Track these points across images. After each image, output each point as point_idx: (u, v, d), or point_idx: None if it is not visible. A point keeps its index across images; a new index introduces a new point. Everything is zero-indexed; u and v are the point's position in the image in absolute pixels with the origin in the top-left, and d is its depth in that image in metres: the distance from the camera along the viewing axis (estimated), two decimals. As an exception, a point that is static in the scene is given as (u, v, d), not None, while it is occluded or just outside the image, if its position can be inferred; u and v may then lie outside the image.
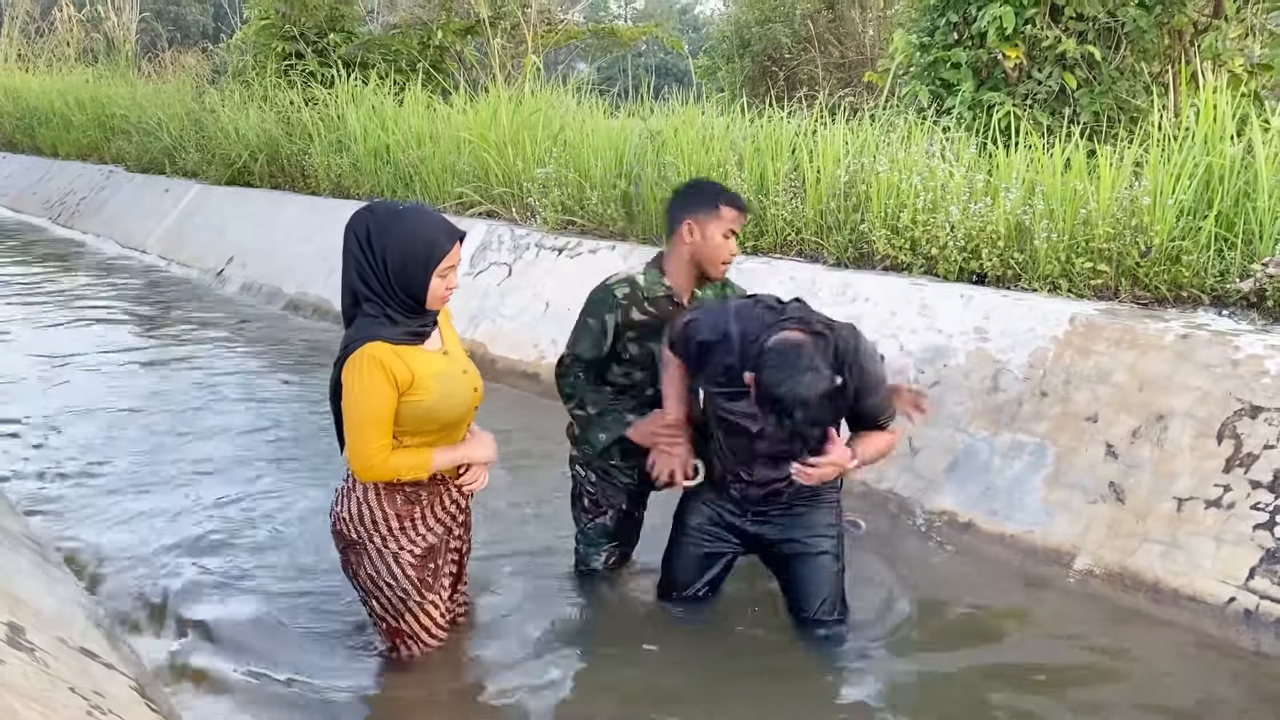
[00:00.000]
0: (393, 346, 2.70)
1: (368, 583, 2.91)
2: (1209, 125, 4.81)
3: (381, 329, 2.71)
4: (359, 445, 2.71)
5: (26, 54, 21.91)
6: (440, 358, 2.83)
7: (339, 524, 2.90)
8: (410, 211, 2.77)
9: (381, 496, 2.84)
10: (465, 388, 2.86)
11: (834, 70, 11.12)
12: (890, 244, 5.32)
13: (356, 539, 2.87)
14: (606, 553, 3.60)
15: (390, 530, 2.86)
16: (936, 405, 4.46)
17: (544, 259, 6.91)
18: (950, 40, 6.81)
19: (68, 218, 13.43)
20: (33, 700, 2.10)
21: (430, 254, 2.71)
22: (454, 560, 3.10)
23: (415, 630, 2.98)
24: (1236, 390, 3.78)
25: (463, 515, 3.08)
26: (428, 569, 2.95)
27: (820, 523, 3.25)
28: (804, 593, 3.26)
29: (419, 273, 2.71)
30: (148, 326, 7.91)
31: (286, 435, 5.29)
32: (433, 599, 2.98)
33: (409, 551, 2.89)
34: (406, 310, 2.74)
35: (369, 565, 2.88)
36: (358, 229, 2.72)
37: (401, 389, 2.70)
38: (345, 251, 2.74)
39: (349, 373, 2.70)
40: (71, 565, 3.71)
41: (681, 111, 7.15)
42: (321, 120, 10.09)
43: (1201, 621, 3.39)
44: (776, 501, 3.21)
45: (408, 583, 2.90)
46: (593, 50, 13.92)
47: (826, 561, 3.24)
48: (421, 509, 2.90)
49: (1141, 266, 4.59)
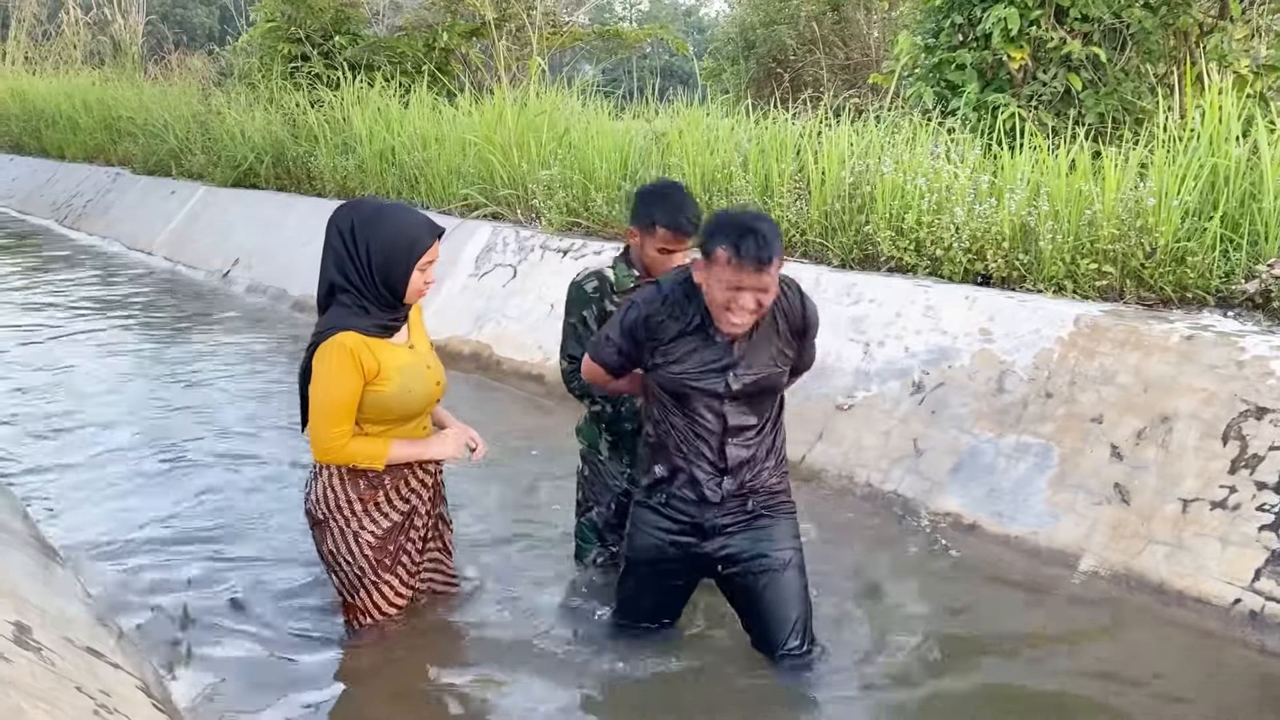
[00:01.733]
0: (363, 337, 2.83)
1: (329, 558, 3.08)
2: (1214, 126, 4.81)
3: (355, 319, 2.84)
4: (320, 429, 2.86)
5: (33, 56, 22.00)
6: (406, 351, 2.96)
7: (308, 504, 3.06)
8: (393, 208, 2.93)
9: (345, 481, 2.99)
10: (427, 382, 2.99)
11: (839, 72, 11.13)
12: (895, 245, 5.32)
13: (322, 518, 3.03)
14: (597, 548, 3.63)
15: (354, 512, 3.01)
16: (941, 406, 4.47)
17: (549, 260, 6.92)
18: (955, 42, 6.81)
19: (74, 220, 13.47)
20: (40, 699, 2.11)
21: (412, 249, 2.84)
22: (418, 535, 3.18)
23: (367, 606, 3.11)
24: (1242, 392, 3.77)
25: (429, 491, 3.18)
26: (387, 550, 3.09)
27: (786, 535, 3.03)
28: (774, 617, 3.01)
29: (401, 266, 2.83)
30: (154, 327, 7.93)
31: (290, 431, 5.30)
32: (388, 579, 3.11)
33: (370, 532, 3.04)
34: (382, 304, 2.88)
35: (330, 542, 3.04)
36: (341, 223, 2.86)
37: (368, 378, 2.84)
38: (326, 244, 2.88)
39: (320, 359, 2.84)
40: (75, 563, 3.72)
41: (686, 113, 7.17)
42: (327, 122, 10.12)
43: (1207, 623, 3.38)
44: (745, 506, 2.99)
45: (364, 561, 3.05)
46: (598, 52, 13.94)
47: (794, 577, 3.02)
48: (385, 492, 3.04)
49: (1146, 268, 4.58)
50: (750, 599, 3.05)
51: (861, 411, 4.71)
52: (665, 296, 2.87)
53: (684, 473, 2.97)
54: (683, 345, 2.86)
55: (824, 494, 4.50)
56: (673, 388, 2.90)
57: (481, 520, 4.17)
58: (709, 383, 2.86)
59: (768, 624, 3.03)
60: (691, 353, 2.86)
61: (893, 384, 4.70)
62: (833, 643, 3.21)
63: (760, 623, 3.05)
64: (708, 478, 2.95)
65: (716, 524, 2.99)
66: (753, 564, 2.99)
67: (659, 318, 2.86)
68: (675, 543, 3.03)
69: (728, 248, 2.65)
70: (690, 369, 2.86)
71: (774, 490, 3.04)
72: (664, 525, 3.03)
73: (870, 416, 4.67)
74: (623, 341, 2.93)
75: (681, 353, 2.87)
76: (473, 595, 3.55)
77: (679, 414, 2.93)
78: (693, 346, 2.86)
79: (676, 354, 2.87)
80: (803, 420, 4.72)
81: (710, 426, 2.91)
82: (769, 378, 2.91)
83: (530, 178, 7.64)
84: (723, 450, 2.93)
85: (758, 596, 3.02)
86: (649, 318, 2.87)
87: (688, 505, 2.99)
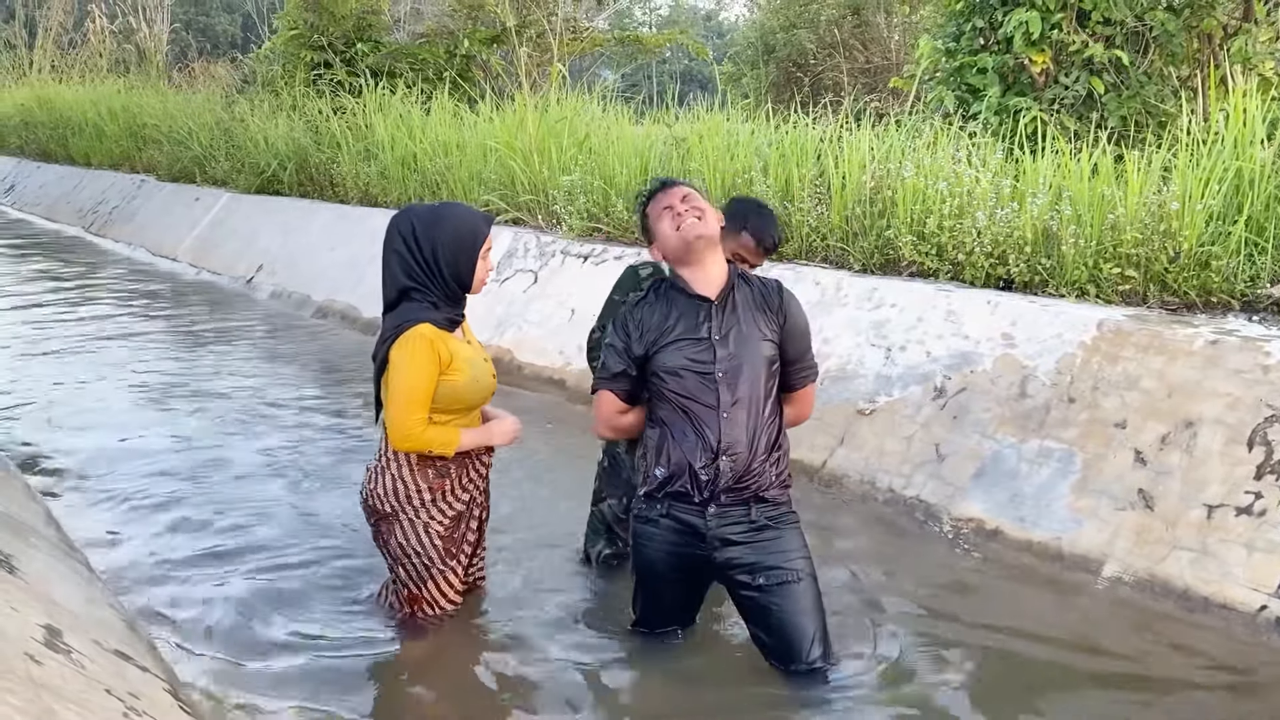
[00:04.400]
0: (437, 330, 3.02)
1: (397, 550, 3.18)
2: (1239, 129, 4.78)
3: (428, 313, 3.03)
4: (400, 416, 3.00)
5: (60, 65, 22.25)
6: (466, 345, 3.16)
7: (372, 499, 3.16)
8: (447, 206, 3.15)
9: (415, 471, 3.11)
10: (487, 373, 3.19)
11: (859, 76, 11.11)
12: (916, 250, 5.31)
13: (390, 511, 3.14)
14: (604, 542, 3.68)
15: (423, 502, 3.14)
16: (963, 411, 4.46)
17: (569, 266, 6.95)
18: (976, 46, 6.79)
19: (100, 226, 13.62)
20: (71, 702, 2.14)
21: (475, 239, 3.07)
22: (474, 527, 3.33)
23: (434, 596, 3.24)
24: (1267, 396, 3.75)
25: (484, 483, 3.33)
26: (453, 538, 3.23)
27: (794, 546, 3.01)
28: (792, 629, 2.98)
29: (468, 257, 3.05)
30: (178, 333, 8.00)
31: (312, 436, 5.34)
32: (453, 565, 3.25)
33: (438, 522, 3.17)
34: (450, 298, 3.08)
35: (400, 535, 3.16)
36: (403, 229, 3.05)
37: (443, 368, 3.02)
38: (389, 250, 3.06)
39: (400, 350, 3.00)
40: (102, 565, 3.77)
41: (706, 118, 7.18)
42: (349, 129, 10.18)
43: (1232, 629, 3.36)
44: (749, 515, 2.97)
45: (434, 551, 3.19)
46: (618, 58, 13.96)
47: (809, 587, 3.00)
48: (450, 482, 3.17)
49: (1170, 272, 4.56)
50: (766, 612, 3.01)
51: (883, 416, 4.71)
52: (643, 279, 3.20)
53: (683, 468, 2.96)
54: (660, 315, 2.98)
55: (845, 499, 4.50)
56: (666, 367, 2.96)
57: (504, 519, 4.19)
58: (695, 351, 2.94)
59: (787, 636, 3.00)
60: (670, 323, 2.97)
61: (914, 389, 4.69)
62: (850, 649, 3.21)
63: (777, 635, 3.01)
64: (706, 465, 2.93)
65: (720, 533, 2.97)
66: (767, 575, 2.97)
67: (640, 299, 3.05)
68: (680, 554, 3.03)
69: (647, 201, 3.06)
70: (673, 341, 2.96)
71: (777, 501, 3.02)
72: (667, 538, 3.03)
73: (892, 421, 4.66)
74: (619, 339, 3.02)
75: (661, 323, 2.98)
76: (497, 592, 3.60)
77: (674, 398, 2.96)
78: (667, 315, 2.98)
79: (656, 326, 2.98)
80: (824, 425, 4.72)
81: (703, 404, 2.93)
82: (758, 348, 2.96)
83: (551, 183, 7.67)
84: (719, 430, 2.91)
85: (774, 609, 2.99)
86: (629, 301, 3.10)
87: (689, 513, 2.98)
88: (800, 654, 2.98)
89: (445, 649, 3.26)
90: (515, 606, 3.52)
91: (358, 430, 5.41)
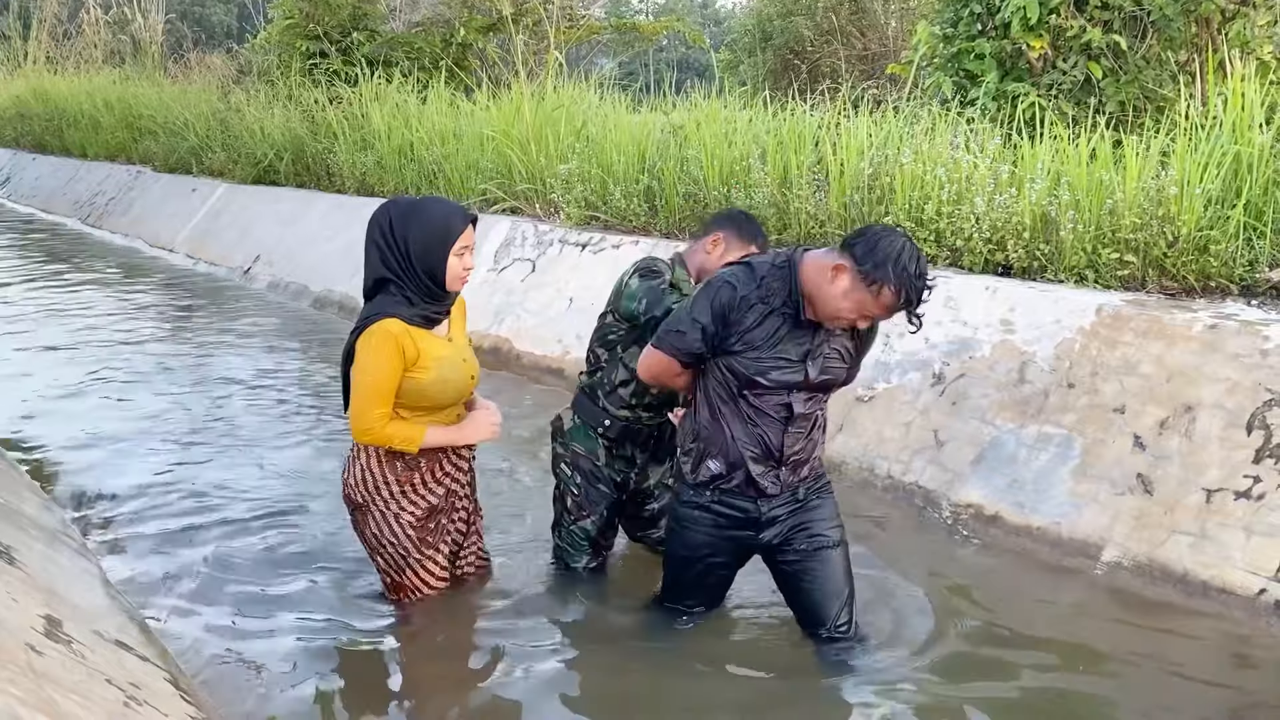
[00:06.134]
0: (406, 325, 2.98)
1: (373, 540, 3.20)
2: (1237, 113, 4.77)
3: (399, 308, 2.99)
4: (361, 410, 2.98)
5: (55, 56, 22.15)
6: (445, 343, 3.10)
7: (347, 489, 3.17)
8: (426, 200, 3.10)
9: (383, 463, 3.11)
10: (462, 375, 3.12)
11: (857, 63, 11.07)
12: (915, 236, 5.30)
13: (362, 501, 3.15)
14: (588, 557, 3.57)
15: (391, 494, 3.13)
16: (962, 397, 4.46)
17: (567, 255, 6.94)
18: (974, 31, 6.77)
19: (97, 218, 13.59)
20: (71, 691, 2.14)
21: (447, 235, 3.00)
22: (461, 519, 3.34)
23: (415, 584, 3.25)
24: (1266, 380, 3.75)
25: (466, 475, 3.32)
26: (428, 528, 3.22)
27: (832, 513, 3.09)
28: (825, 592, 3.05)
29: (437, 253, 2.98)
30: (177, 324, 7.99)
31: (310, 425, 5.34)
32: (430, 554, 3.24)
33: (409, 513, 3.16)
34: (425, 293, 3.01)
35: (373, 525, 3.16)
36: (380, 220, 3.03)
37: (407, 364, 2.98)
38: (369, 240, 3.04)
39: (363, 343, 2.98)
40: (102, 555, 3.77)
41: (704, 106, 7.16)
42: (346, 119, 10.16)
43: (1231, 613, 3.37)
44: (796, 495, 3.03)
45: (408, 541, 3.18)
46: (614, 46, 13.92)
47: (843, 554, 3.08)
48: (420, 474, 3.16)
49: (1169, 257, 4.55)
50: (802, 577, 3.08)
51: (882, 403, 4.71)
52: (761, 278, 2.86)
53: (740, 468, 2.96)
54: (764, 330, 2.84)
55: (845, 486, 4.49)
56: (749, 375, 2.87)
57: (505, 506, 4.19)
58: (786, 373, 2.86)
59: (819, 599, 3.07)
60: (772, 339, 2.85)
61: (913, 375, 4.69)
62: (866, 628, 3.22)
63: (811, 598, 3.08)
64: (765, 470, 2.96)
65: (771, 515, 3.02)
66: (807, 542, 3.04)
67: (751, 300, 2.85)
68: (730, 537, 3.06)
69: (893, 289, 2.67)
70: (767, 356, 2.85)
71: (818, 476, 3.10)
72: (717, 522, 3.04)
73: (891, 408, 4.66)
74: (712, 323, 2.85)
75: (762, 338, 2.85)
76: (503, 577, 3.61)
77: (741, 404, 2.92)
78: (774, 331, 2.84)
79: (757, 340, 2.85)
80: (823, 412, 4.72)
81: (773, 415, 2.91)
82: (834, 371, 2.93)
83: (548, 172, 7.65)
84: (782, 440, 2.93)
85: (810, 573, 3.06)
86: (743, 298, 2.84)
87: (743, 500, 3.00)
88: (828, 618, 3.07)
89: (445, 637, 3.27)
90: (520, 594, 3.53)
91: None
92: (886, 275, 2.66)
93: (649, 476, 3.55)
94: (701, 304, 2.87)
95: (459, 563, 3.42)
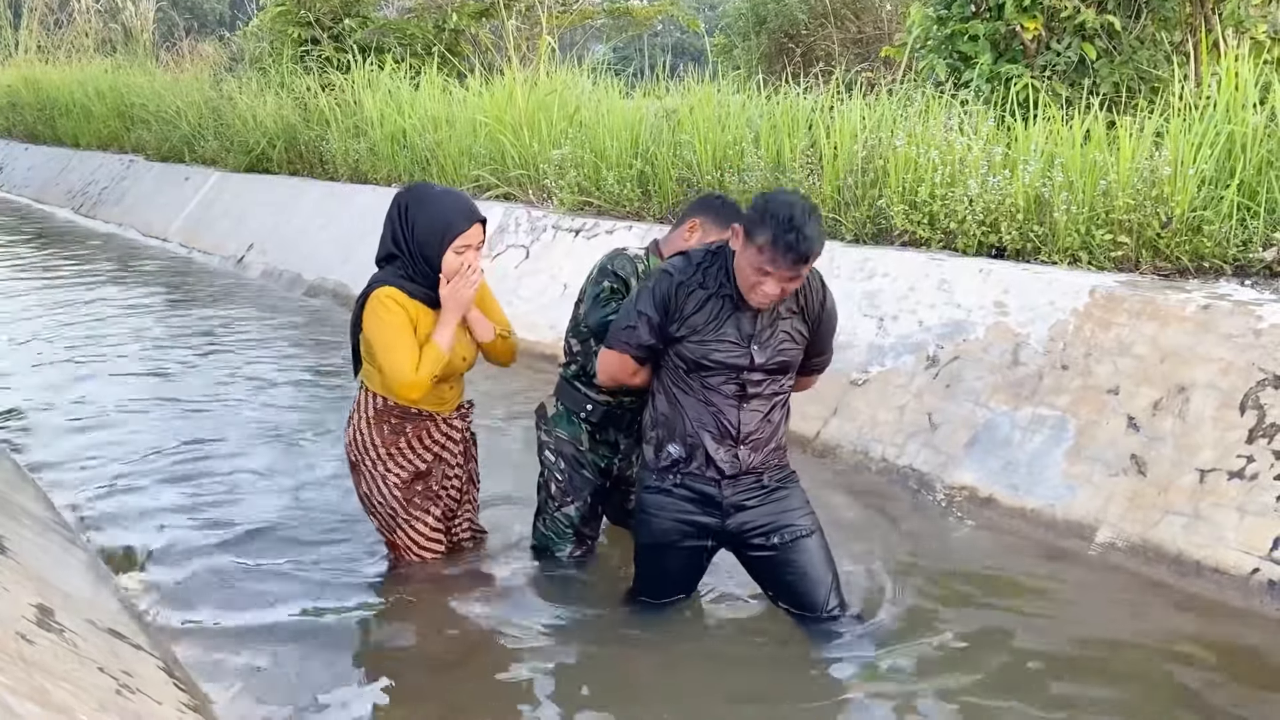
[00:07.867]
0: (405, 295, 3.12)
1: (365, 500, 3.37)
2: (1231, 93, 4.75)
3: (400, 281, 3.14)
4: (396, 370, 3.08)
5: (46, 45, 22.04)
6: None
7: (347, 447, 3.34)
8: (441, 193, 3.24)
9: (371, 426, 3.27)
10: (453, 356, 3.22)
11: (851, 46, 11.02)
12: (908, 219, 5.29)
13: (355, 460, 3.32)
14: (572, 545, 3.55)
15: (379, 456, 3.28)
16: (956, 380, 4.45)
17: (561, 240, 6.92)
18: (968, 13, 6.74)
19: (90, 208, 13.54)
20: (63, 680, 2.14)
21: (446, 232, 3.12)
22: (455, 486, 3.45)
23: (407, 543, 3.38)
24: (1260, 360, 3.74)
25: (457, 445, 3.40)
26: (414, 489, 3.34)
27: (801, 503, 3.09)
28: (808, 581, 3.06)
29: (433, 247, 3.12)
30: (170, 314, 7.97)
31: (306, 414, 5.33)
32: (420, 514, 3.36)
33: (395, 475, 3.29)
34: (426, 278, 3.15)
35: (364, 484, 3.33)
36: (400, 200, 3.19)
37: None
38: (387, 215, 3.20)
39: (369, 314, 3.13)
40: (94, 543, 3.76)
41: (698, 90, 7.13)
42: (338, 106, 10.12)
43: (1225, 593, 3.38)
44: (761, 481, 3.03)
45: (395, 501, 3.32)
46: (608, 31, 13.87)
47: (820, 541, 3.09)
48: (406, 439, 3.28)
49: (1162, 237, 4.54)
50: (781, 567, 3.08)
51: (876, 386, 4.70)
52: (698, 264, 2.93)
53: (700, 449, 2.98)
54: (705, 314, 2.89)
55: (839, 469, 4.51)
56: (695, 359, 2.92)
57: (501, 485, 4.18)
58: (733, 355, 2.90)
59: (805, 587, 3.07)
60: (713, 322, 2.89)
61: (907, 358, 4.68)
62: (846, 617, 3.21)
63: (796, 588, 3.09)
64: (724, 450, 2.97)
65: (734, 500, 3.02)
66: (781, 534, 3.04)
67: (690, 286, 2.90)
68: (693, 522, 3.05)
69: (768, 238, 2.69)
70: (712, 339, 2.89)
71: (782, 465, 3.11)
72: (681, 507, 3.04)
73: (885, 391, 4.66)
74: (655, 313, 2.91)
75: (704, 322, 2.89)
76: (496, 554, 3.64)
77: (695, 386, 2.95)
78: (714, 314, 2.89)
79: (699, 324, 2.90)
80: (817, 395, 4.70)
81: (726, 395, 2.94)
82: (786, 353, 2.96)
83: (541, 158, 7.62)
84: (739, 419, 2.95)
85: (789, 563, 3.06)
86: (681, 285, 2.91)
87: (704, 484, 3.01)
88: (819, 604, 3.08)
89: (434, 627, 3.27)
90: (510, 575, 3.54)
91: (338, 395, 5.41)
92: (762, 226, 2.70)
93: (633, 464, 3.54)
94: (644, 297, 2.96)
95: (453, 530, 3.51)
